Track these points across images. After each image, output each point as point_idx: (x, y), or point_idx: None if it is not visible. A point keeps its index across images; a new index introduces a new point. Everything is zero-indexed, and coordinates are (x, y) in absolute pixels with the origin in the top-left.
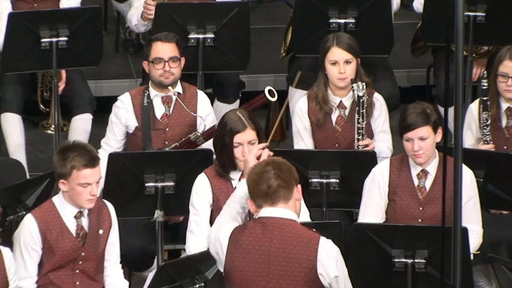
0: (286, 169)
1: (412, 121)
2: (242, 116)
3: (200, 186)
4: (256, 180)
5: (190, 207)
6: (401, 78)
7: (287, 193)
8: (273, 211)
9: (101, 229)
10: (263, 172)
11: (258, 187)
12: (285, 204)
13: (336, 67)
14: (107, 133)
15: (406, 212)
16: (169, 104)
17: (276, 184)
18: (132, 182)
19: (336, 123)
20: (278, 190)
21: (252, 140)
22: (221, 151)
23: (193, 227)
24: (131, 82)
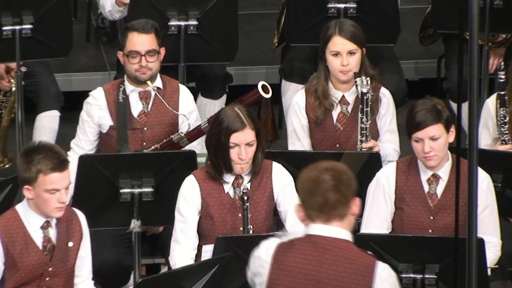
0: (346, 180)
1: (422, 119)
2: (241, 113)
3: (188, 189)
4: (312, 189)
5: (176, 213)
6: (409, 70)
7: (345, 209)
8: (326, 230)
9: (70, 241)
10: (320, 180)
11: (313, 198)
12: (340, 222)
13: (338, 59)
14: (78, 133)
15: (415, 222)
16: (147, 100)
17: (334, 199)
18: (105, 188)
19: (337, 121)
20: (335, 206)
21: (250, 142)
22: (215, 151)
23: (179, 236)
24: (104, 75)
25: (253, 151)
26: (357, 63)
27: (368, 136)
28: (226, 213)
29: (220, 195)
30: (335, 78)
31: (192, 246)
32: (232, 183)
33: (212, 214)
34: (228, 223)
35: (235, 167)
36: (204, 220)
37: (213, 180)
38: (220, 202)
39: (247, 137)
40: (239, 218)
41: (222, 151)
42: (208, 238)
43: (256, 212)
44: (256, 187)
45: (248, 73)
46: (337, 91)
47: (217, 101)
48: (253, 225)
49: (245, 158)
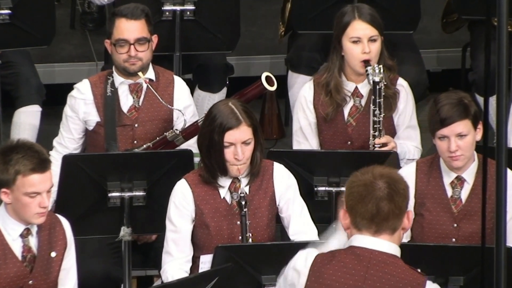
0: (402, 190)
1: (447, 114)
2: (235, 109)
3: (180, 195)
4: (364, 195)
5: (167, 222)
6: (430, 61)
7: (397, 222)
8: (373, 242)
9: (53, 251)
10: (374, 187)
11: (364, 205)
12: (390, 236)
13: (359, 46)
14: (61, 131)
15: (437, 229)
16: (138, 93)
17: (388, 210)
18: (92, 191)
19: (349, 115)
20: (388, 218)
21: (247, 140)
22: (208, 152)
23: (171, 247)
24: (90, 66)
25: (250, 150)
26: (377, 51)
27: (382, 131)
28: (222, 220)
29: (216, 201)
30: (353, 69)
31: (185, 258)
32: (228, 187)
33: (207, 222)
34: (225, 231)
35: (231, 169)
36: (198, 229)
37: (207, 184)
38: (215, 209)
39: (243, 135)
40: (237, 226)
41: (216, 151)
42: (204, 248)
43: (256, 219)
44: (255, 191)
45: (250, 63)
46: (349, 83)
47: (217, 95)
48: (253, 232)
49: (242, 159)
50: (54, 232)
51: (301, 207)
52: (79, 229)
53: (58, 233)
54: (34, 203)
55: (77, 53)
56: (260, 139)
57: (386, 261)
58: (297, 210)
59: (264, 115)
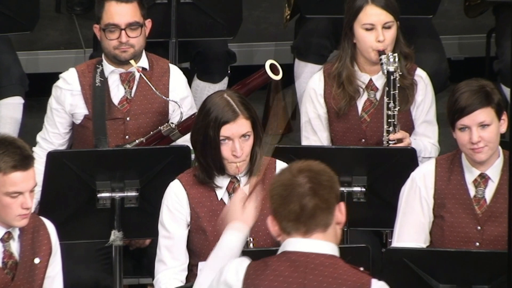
0: (326, 181)
1: (467, 102)
2: (231, 101)
3: (173, 198)
4: (285, 195)
5: (160, 228)
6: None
7: (327, 218)
8: (306, 244)
9: (37, 257)
10: (295, 184)
11: (287, 207)
12: (323, 234)
13: (372, 33)
14: (45, 125)
15: (459, 233)
16: (130, 84)
17: (313, 205)
18: (79, 192)
19: (363, 110)
20: (315, 214)
21: (246, 133)
22: (203, 149)
23: (164, 255)
24: (77, 54)
25: (249, 145)
26: (393, 39)
27: (397, 126)
28: (221, 224)
29: (213, 203)
30: (366, 57)
31: (180, 266)
32: (226, 187)
33: (204, 227)
34: None
35: (229, 167)
36: (194, 234)
37: (202, 185)
38: (213, 212)
39: (241, 129)
40: None
41: (212, 148)
42: (201, 255)
43: (258, 222)
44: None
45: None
46: (363, 74)
47: (217, 85)
48: (254, 237)
49: (241, 155)
50: (38, 236)
51: None
52: (66, 233)
53: (42, 238)
54: (16, 204)
55: (63, 39)
56: (259, 133)
57: (325, 263)
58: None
59: (269, 107)
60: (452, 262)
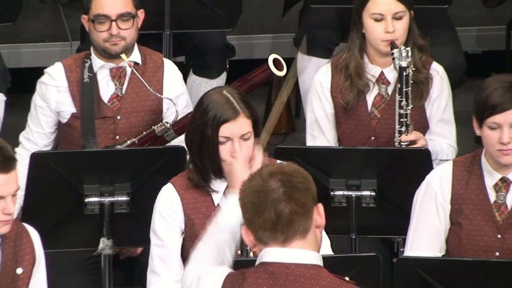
0: (301, 184)
1: (501, 99)
2: (231, 98)
3: (166, 203)
4: (257, 203)
5: (152, 236)
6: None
7: (305, 222)
8: (285, 254)
9: (19, 267)
10: (267, 189)
11: (260, 215)
12: (302, 240)
13: (381, 24)
14: (29, 124)
15: (477, 241)
16: (121, 79)
17: (289, 211)
18: (66, 196)
19: (373, 106)
20: (292, 220)
21: (246, 134)
22: (199, 149)
23: (157, 265)
24: (64, 47)
25: (250, 146)
26: (404, 30)
27: (410, 126)
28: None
29: (209, 209)
30: (375, 49)
31: (175, 278)
32: (224, 191)
33: (199, 234)
34: None
35: (226, 169)
36: (189, 243)
37: (198, 189)
38: (209, 219)
39: (241, 128)
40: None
41: (209, 149)
42: None
43: None
44: None
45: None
46: (374, 67)
47: (215, 81)
48: None
49: None
50: (21, 245)
51: None
52: (51, 241)
53: (25, 246)
54: None
55: (48, 31)
56: (260, 133)
57: (305, 275)
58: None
59: (271, 105)
60: (469, 273)
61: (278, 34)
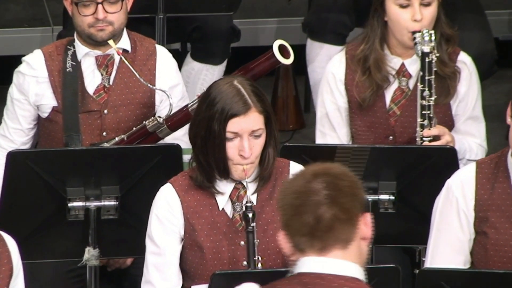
0: (347, 187)
1: None
2: (243, 89)
3: (164, 206)
4: (297, 205)
5: (148, 242)
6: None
7: (348, 231)
8: (323, 264)
9: None
10: (309, 191)
11: (298, 218)
12: (342, 251)
13: (407, 11)
14: (5, 119)
15: (506, 252)
16: (108, 69)
17: (331, 216)
18: (46, 200)
19: (392, 101)
20: (333, 227)
21: (257, 131)
22: (204, 146)
23: (153, 275)
24: (44, 33)
25: (261, 145)
26: (432, 18)
27: (433, 119)
28: (221, 240)
29: (212, 214)
30: (399, 39)
31: None
32: (230, 194)
33: (201, 242)
34: (224, 254)
35: (234, 170)
36: (189, 251)
37: (201, 190)
38: (212, 225)
39: (252, 124)
40: (241, 247)
41: (215, 145)
42: (197, 277)
43: (267, 238)
44: (265, 200)
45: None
46: (394, 57)
47: (217, 68)
48: (262, 255)
49: (249, 156)
50: None
51: None
52: (30, 251)
53: (0, 256)
54: None
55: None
56: (274, 131)
57: (343, 287)
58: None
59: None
60: (498, 286)
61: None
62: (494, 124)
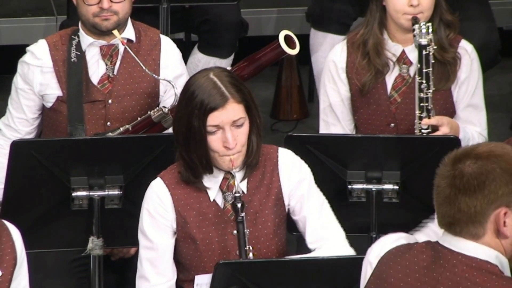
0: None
1: None
2: (219, 82)
3: (155, 200)
4: (447, 193)
5: (140, 237)
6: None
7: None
8: (469, 246)
9: None
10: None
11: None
12: (494, 239)
13: None
14: (9, 108)
15: None
16: (113, 59)
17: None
18: (50, 190)
19: (393, 89)
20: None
21: (238, 120)
22: (186, 142)
23: (147, 270)
24: (48, 22)
25: (245, 133)
26: (430, 4)
27: (431, 111)
28: (214, 230)
29: (203, 205)
30: (397, 24)
31: (167, 283)
32: (220, 185)
33: (193, 234)
34: (218, 245)
35: (221, 161)
36: (182, 243)
37: (189, 184)
38: (203, 216)
39: (231, 115)
40: (234, 237)
41: (197, 141)
42: (193, 269)
43: (258, 225)
44: (256, 188)
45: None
46: (394, 45)
47: (224, 61)
48: (254, 244)
49: (234, 146)
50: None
51: (319, 205)
52: (34, 241)
53: (4, 246)
54: None
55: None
56: (256, 118)
57: (470, 264)
58: (314, 209)
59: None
60: None
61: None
62: (498, 114)
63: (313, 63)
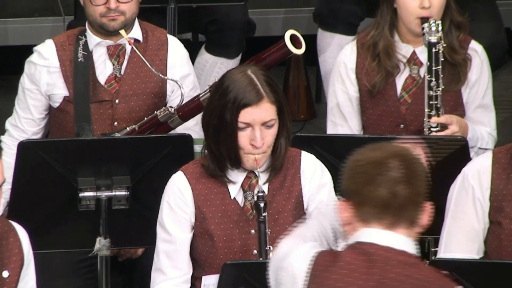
0: (421, 172)
1: None
2: (256, 79)
3: (176, 193)
4: (374, 174)
5: (159, 229)
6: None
7: (416, 213)
8: (388, 238)
9: (5, 270)
10: (388, 167)
11: (374, 189)
12: (407, 230)
13: None
14: (16, 108)
15: None
16: (120, 59)
17: (406, 195)
18: (57, 190)
19: (403, 89)
20: (406, 206)
21: (269, 121)
22: (216, 135)
23: (164, 262)
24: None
25: (273, 135)
26: (441, 6)
27: (440, 109)
28: (232, 228)
29: (223, 202)
30: (407, 26)
31: (183, 277)
32: (241, 184)
33: (211, 230)
34: (235, 243)
35: (245, 159)
36: (199, 239)
37: (212, 179)
38: (223, 213)
39: (264, 114)
40: (252, 236)
41: (227, 134)
42: (207, 266)
43: (278, 227)
44: (277, 190)
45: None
46: (405, 46)
47: (232, 61)
48: (273, 244)
49: (261, 146)
50: (7, 245)
51: None
52: (41, 241)
53: (12, 246)
54: None
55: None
56: (286, 122)
57: (408, 262)
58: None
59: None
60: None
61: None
62: (506, 113)
63: (321, 63)
